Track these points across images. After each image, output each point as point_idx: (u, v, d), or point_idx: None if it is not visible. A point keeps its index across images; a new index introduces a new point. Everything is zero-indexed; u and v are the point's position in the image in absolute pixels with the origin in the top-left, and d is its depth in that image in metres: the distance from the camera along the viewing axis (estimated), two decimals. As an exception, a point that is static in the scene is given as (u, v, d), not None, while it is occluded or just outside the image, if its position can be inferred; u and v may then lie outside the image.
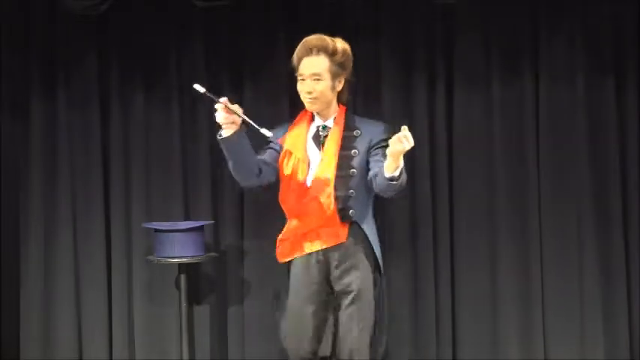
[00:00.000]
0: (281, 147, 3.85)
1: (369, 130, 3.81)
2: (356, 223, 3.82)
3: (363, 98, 4.93)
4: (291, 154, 3.81)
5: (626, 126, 4.89)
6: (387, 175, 3.48)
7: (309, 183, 3.77)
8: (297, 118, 3.93)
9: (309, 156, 3.80)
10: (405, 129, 3.37)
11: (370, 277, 3.80)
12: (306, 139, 3.82)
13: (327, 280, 3.84)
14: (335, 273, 3.81)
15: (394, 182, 3.49)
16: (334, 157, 3.75)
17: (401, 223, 4.91)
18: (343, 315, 3.79)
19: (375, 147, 3.76)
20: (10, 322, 4.99)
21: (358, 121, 3.87)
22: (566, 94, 4.87)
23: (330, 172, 3.73)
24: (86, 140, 4.98)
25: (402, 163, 3.48)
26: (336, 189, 3.74)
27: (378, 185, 3.63)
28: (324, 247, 3.80)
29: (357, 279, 3.77)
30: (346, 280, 3.79)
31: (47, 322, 4.97)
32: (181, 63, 4.97)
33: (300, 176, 3.78)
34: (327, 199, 3.72)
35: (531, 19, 4.90)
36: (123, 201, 4.98)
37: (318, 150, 3.80)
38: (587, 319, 4.86)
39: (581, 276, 4.87)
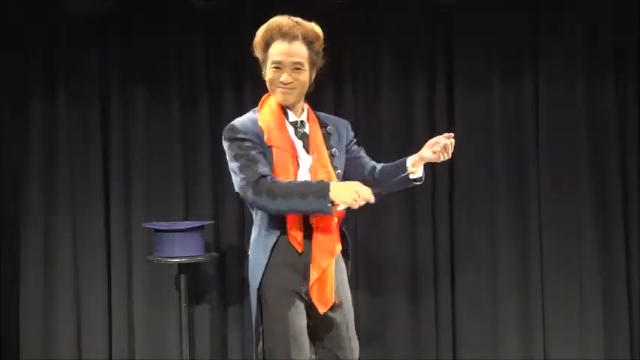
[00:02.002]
0: (267, 148, 3.23)
1: (336, 127, 3.37)
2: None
3: (363, 99, 4.93)
4: (283, 154, 3.23)
5: (626, 126, 4.90)
6: (413, 176, 3.25)
7: None
8: (269, 112, 3.24)
9: (300, 157, 3.26)
10: (451, 135, 3.15)
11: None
12: (290, 137, 3.26)
13: None
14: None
15: (419, 183, 3.30)
16: (327, 158, 3.28)
17: (400, 222, 4.91)
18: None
19: (351, 144, 3.40)
20: (10, 322, 4.99)
21: (322, 116, 3.40)
22: (566, 94, 4.88)
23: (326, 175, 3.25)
24: (86, 140, 4.98)
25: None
26: None
27: (382, 182, 3.31)
28: None
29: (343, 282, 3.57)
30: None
31: (47, 322, 4.97)
32: (181, 63, 4.97)
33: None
34: None
35: (531, 19, 4.90)
36: (123, 201, 4.98)
37: (305, 150, 3.27)
38: (587, 318, 4.86)
39: (581, 276, 4.87)
